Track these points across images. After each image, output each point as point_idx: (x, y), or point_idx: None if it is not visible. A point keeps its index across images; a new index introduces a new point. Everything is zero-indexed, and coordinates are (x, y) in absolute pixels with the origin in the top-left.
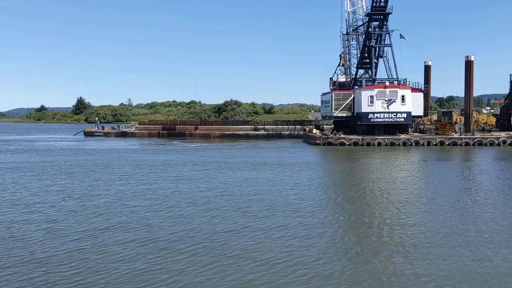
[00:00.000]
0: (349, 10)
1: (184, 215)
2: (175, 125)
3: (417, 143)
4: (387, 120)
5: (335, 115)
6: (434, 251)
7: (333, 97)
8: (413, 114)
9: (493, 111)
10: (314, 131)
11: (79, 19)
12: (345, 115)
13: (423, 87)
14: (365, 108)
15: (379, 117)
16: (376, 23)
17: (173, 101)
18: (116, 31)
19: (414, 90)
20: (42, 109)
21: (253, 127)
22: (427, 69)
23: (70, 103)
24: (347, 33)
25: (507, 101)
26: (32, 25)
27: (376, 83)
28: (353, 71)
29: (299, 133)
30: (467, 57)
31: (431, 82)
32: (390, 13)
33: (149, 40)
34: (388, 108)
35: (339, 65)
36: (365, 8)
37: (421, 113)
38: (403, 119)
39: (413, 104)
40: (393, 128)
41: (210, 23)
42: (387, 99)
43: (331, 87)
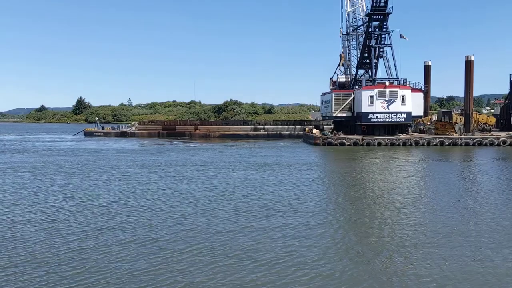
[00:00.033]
0: (349, 10)
1: (184, 215)
2: (175, 125)
3: (417, 143)
4: (387, 120)
5: (335, 115)
6: (435, 251)
7: (333, 97)
8: (413, 114)
9: (493, 111)
10: (314, 131)
11: (79, 19)
12: (345, 115)
13: (423, 87)
14: (365, 108)
15: (379, 117)
16: (376, 23)
17: (173, 101)
18: (116, 31)
19: (414, 90)
20: (42, 109)
21: (253, 127)
22: (427, 69)
23: (70, 103)
24: (347, 33)
25: (507, 101)
26: (32, 25)
27: (376, 83)
28: (353, 71)
29: (299, 133)
30: (467, 57)
31: (431, 82)
32: (390, 13)
33: (149, 40)
34: (388, 108)
35: (339, 65)
36: (365, 8)
37: (421, 113)
38: (403, 119)
39: (413, 104)
40: (393, 128)
41: (210, 23)
42: (387, 99)
43: (331, 87)
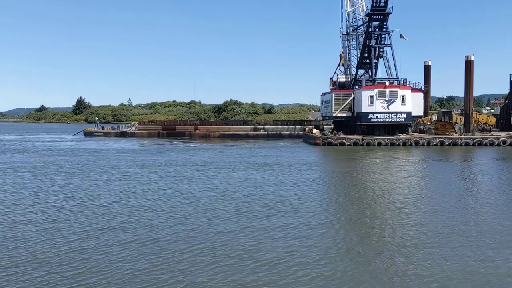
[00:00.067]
0: (349, 10)
1: (185, 215)
2: (174, 125)
3: (417, 143)
4: (387, 120)
5: (335, 115)
6: (436, 251)
7: (333, 97)
8: (413, 114)
9: (493, 111)
10: (314, 131)
11: (79, 19)
12: (345, 115)
13: (423, 87)
14: (365, 108)
15: (379, 117)
16: (376, 23)
17: (173, 101)
18: (116, 31)
19: (414, 90)
20: (42, 109)
21: (253, 127)
22: (427, 69)
23: (70, 103)
24: (347, 33)
25: (507, 101)
26: (32, 25)
27: (376, 83)
28: (353, 71)
29: (299, 133)
30: (467, 57)
31: (431, 82)
32: (390, 13)
33: (149, 40)
34: (388, 108)
35: (339, 65)
36: (365, 8)
37: (421, 113)
38: (403, 119)
39: (413, 104)
40: (393, 128)
41: (210, 23)
42: (387, 99)
43: (331, 87)
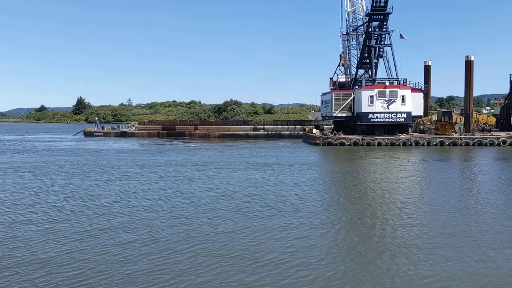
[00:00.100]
0: (349, 10)
1: (185, 215)
2: (174, 125)
3: (417, 143)
4: (387, 120)
5: (335, 115)
6: (437, 251)
7: (333, 97)
8: (413, 114)
9: (493, 111)
10: (314, 131)
11: (79, 19)
12: (345, 115)
13: (423, 87)
14: (365, 108)
15: (379, 117)
16: (376, 23)
17: (173, 101)
18: (116, 31)
19: (414, 90)
20: (42, 109)
21: (252, 127)
22: (427, 69)
23: (70, 103)
24: (347, 33)
25: (507, 101)
26: (32, 25)
27: (376, 83)
28: (353, 71)
29: (299, 133)
30: (467, 57)
31: (431, 82)
32: (390, 13)
33: (149, 40)
34: (388, 108)
35: (339, 65)
36: (365, 8)
37: (421, 113)
38: (403, 119)
39: (413, 104)
40: (393, 128)
41: (210, 23)
42: (387, 99)
43: (331, 87)
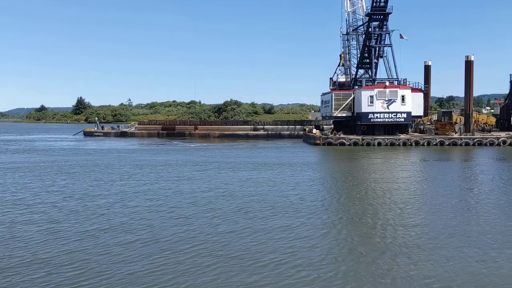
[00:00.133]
0: (349, 10)
1: (185, 215)
2: (174, 125)
3: (417, 143)
4: (387, 120)
5: (335, 115)
6: (438, 251)
7: (333, 97)
8: (413, 114)
9: (493, 111)
10: (314, 131)
11: (79, 19)
12: (345, 115)
13: (423, 87)
14: (365, 108)
15: (379, 117)
16: (376, 23)
17: (173, 101)
18: (116, 31)
19: (414, 90)
20: (42, 109)
21: (252, 127)
22: (427, 69)
23: (70, 103)
24: (347, 33)
25: (507, 101)
26: (32, 25)
27: (376, 83)
28: (353, 71)
29: (299, 133)
30: (467, 57)
31: (431, 82)
32: (390, 13)
33: (149, 40)
34: (388, 108)
35: (339, 65)
36: (365, 8)
37: (421, 113)
38: (403, 119)
39: (413, 104)
40: (393, 128)
41: (210, 23)
42: (387, 99)
43: (331, 87)
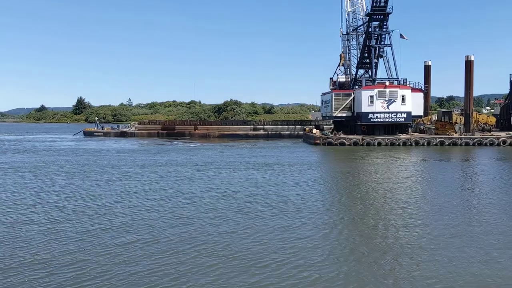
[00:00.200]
0: (349, 10)
1: (186, 215)
2: (174, 125)
3: (417, 143)
4: (387, 120)
5: (335, 115)
6: (440, 252)
7: (333, 97)
8: (413, 114)
9: (493, 111)
10: (314, 131)
11: (79, 19)
12: (345, 115)
13: (423, 87)
14: (365, 108)
15: (379, 117)
16: (376, 23)
17: (173, 101)
18: (116, 31)
19: (414, 90)
20: (42, 109)
21: (252, 127)
22: (427, 69)
23: (70, 103)
24: (347, 33)
25: (507, 101)
26: (32, 25)
27: (376, 83)
28: (353, 71)
29: (299, 133)
30: (467, 57)
31: (431, 82)
32: (390, 13)
33: (149, 40)
34: (388, 108)
35: (339, 65)
36: (365, 8)
37: (421, 113)
38: (403, 119)
39: (413, 104)
40: (393, 128)
41: (210, 23)
42: (387, 99)
43: (331, 87)
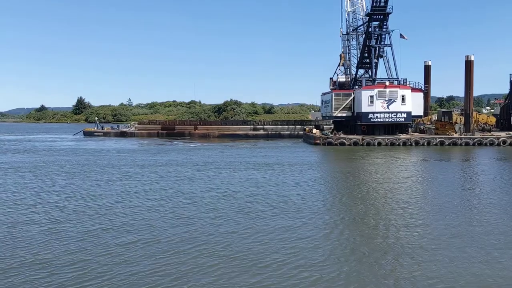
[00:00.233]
0: (349, 10)
1: (187, 215)
2: (174, 125)
3: (417, 143)
4: (387, 120)
5: (335, 115)
6: (441, 252)
7: (333, 97)
8: (413, 114)
9: (493, 111)
10: (314, 131)
11: (79, 19)
12: (345, 115)
13: (423, 87)
14: (365, 108)
15: (379, 117)
16: (376, 23)
17: (173, 101)
18: (116, 31)
19: (414, 90)
20: (42, 109)
21: (252, 127)
22: (427, 69)
23: (70, 103)
24: (347, 33)
25: (507, 101)
26: (32, 25)
27: (376, 83)
28: (353, 71)
29: (299, 133)
30: (467, 57)
31: (431, 82)
32: (390, 13)
33: (149, 40)
34: (388, 108)
35: (339, 65)
36: (365, 8)
37: (421, 113)
38: (403, 119)
39: (413, 104)
40: (393, 128)
41: (210, 23)
42: (387, 99)
43: (331, 87)
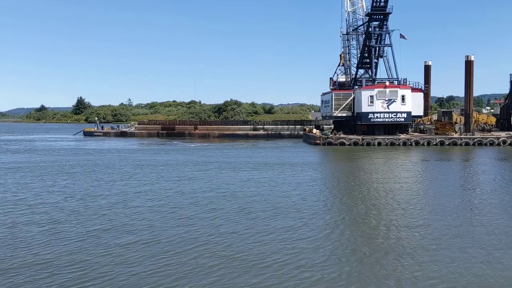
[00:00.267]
0: (349, 10)
1: (187, 216)
2: (174, 125)
3: (417, 143)
4: (387, 120)
5: (335, 115)
6: (442, 252)
7: (333, 97)
8: (413, 114)
9: (493, 111)
10: (314, 131)
11: (79, 19)
12: (345, 115)
13: (423, 87)
14: (365, 108)
15: (379, 117)
16: (376, 23)
17: (173, 101)
18: (116, 31)
19: (414, 90)
20: (42, 109)
21: (252, 127)
22: (427, 69)
23: (70, 103)
24: (347, 33)
25: (507, 101)
26: (32, 25)
27: (376, 83)
28: (353, 71)
29: (299, 133)
30: (467, 57)
31: (431, 82)
32: (390, 13)
33: (149, 40)
34: (388, 108)
35: (339, 65)
36: (365, 8)
37: (421, 113)
38: (403, 119)
39: (413, 104)
40: (393, 128)
41: (210, 23)
42: (387, 99)
43: (331, 87)
